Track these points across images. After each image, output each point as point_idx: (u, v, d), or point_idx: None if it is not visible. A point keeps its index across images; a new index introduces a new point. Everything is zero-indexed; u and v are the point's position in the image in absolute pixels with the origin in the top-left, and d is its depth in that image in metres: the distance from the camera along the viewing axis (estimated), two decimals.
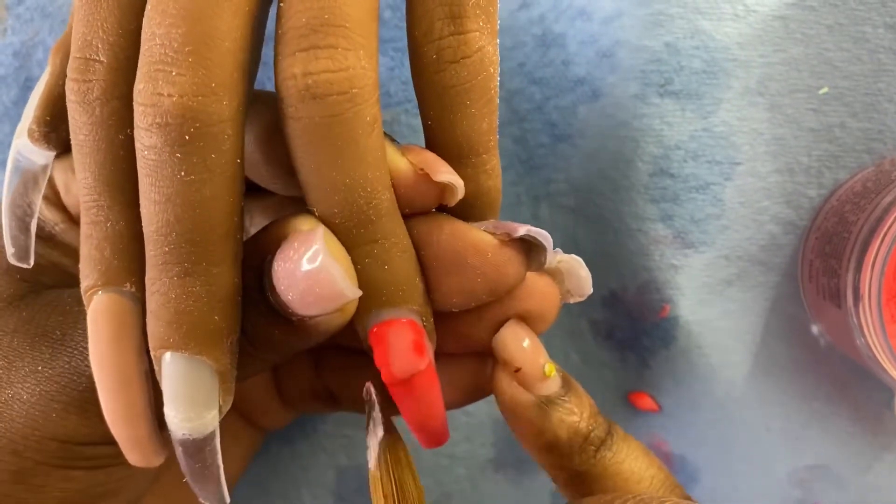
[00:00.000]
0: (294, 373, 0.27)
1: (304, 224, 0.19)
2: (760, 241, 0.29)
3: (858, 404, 0.30)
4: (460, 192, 0.21)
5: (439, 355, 0.23)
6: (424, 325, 0.21)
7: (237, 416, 0.28)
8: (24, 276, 0.23)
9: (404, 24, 0.29)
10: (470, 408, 0.31)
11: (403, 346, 0.20)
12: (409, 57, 0.20)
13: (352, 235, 0.19)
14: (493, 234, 0.21)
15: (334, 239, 0.19)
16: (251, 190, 0.26)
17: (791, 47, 0.28)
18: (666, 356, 0.30)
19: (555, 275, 0.22)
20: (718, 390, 0.30)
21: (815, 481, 0.31)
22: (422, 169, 0.20)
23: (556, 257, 0.22)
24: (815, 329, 0.30)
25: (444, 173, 0.20)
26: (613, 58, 0.28)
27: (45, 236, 0.24)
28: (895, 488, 0.31)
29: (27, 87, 0.31)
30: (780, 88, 0.28)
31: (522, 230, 0.21)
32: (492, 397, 0.31)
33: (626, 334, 0.31)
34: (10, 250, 0.22)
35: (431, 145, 0.21)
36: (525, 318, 0.22)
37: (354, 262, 0.20)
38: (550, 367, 0.22)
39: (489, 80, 0.20)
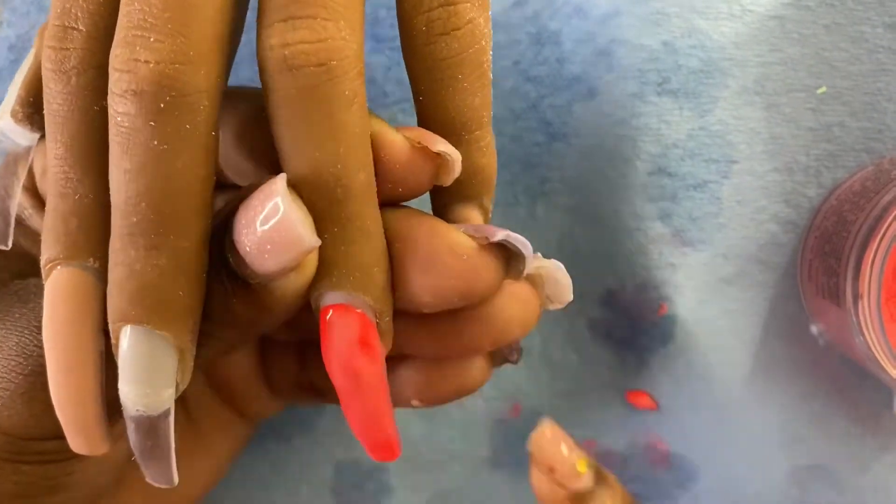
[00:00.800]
0: (280, 365, 0.27)
1: (267, 181, 0.19)
2: (759, 240, 0.29)
3: (857, 404, 0.30)
4: (457, 165, 0.20)
5: (416, 359, 0.23)
6: (378, 322, 0.20)
7: (225, 408, 0.28)
8: None
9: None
10: (467, 406, 0.31)
11: (346, 338, 0.19)
12: (399, 31, 0.20)
13: (316, 210, 0.19)
14: (472, 237, 0.20)
15: (297, 196, 0.19)
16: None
17: (787, 47, 0.28)
18: (664, 355, 0.30)
19: (534, 281, 0.22)
20: (717, 389, 0.30)
21: (813, 481, 0.31)
22: (419, 142, 0.20)
23: (536, 263, 0.21)
24: (814, 328, 0.30)
25: (441, 144, 0.20)
26: (610, 56, 0.28)
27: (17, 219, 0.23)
28: (894, 488, 0.31)
29: None
30: (778, 88, 0.28)
31: (500, 235, 0.20)
32: (489, 396, 0.31)
33: (624, 333, 0.31)
34: None
35: (423, 121, 0.21)
36: (505, 326, 0.22)
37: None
38: (582, 465, 0.22)
39: (481, 53, 0.20)
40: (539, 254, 0.21)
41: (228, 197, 0.20)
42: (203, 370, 0.27)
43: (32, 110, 0.21)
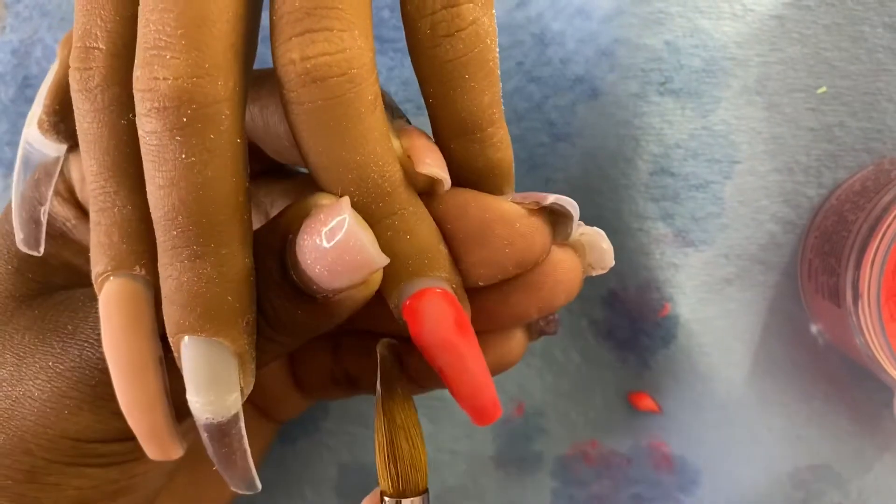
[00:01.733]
0: (312, 359, 0.27)
1: (324, 199, 0.19)
2: (760, 240, 0.29)
3: (858, 404, 0.30)
4: (445, 183, 0.20)
5: None
6: (456, 292, 0.21)
7: (253, 411, 0.28)
8: (35, 276, 0.23)
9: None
10: None
11: (437, 316, 0.20)
12: (405, 34, 0.20)
13: (371, 211, 0.19)
14: (520, 203, 0.21)
15: (356, 212, 0.19)
16: (272, 174, 0.26)
17: (788, 47, 0.28)
18: (666, 355, 0.30)
19: (577, 248, 0.22)
20: (718, 390, 0.30)
21: (815, 482, 0.31)
22: (408, 155, 0.20)
23: (579, 229, 0.22)
24: (814, 328, 0.30)
25: (428, 165, 0.20)
26: (613, 56, 0.28)
27: (55, 234, 0.24)
28: (895, 488, 0.31)
29: (25, 86, 0.31)
30: (778, 88, 0.28)
31: (550, 198, 0.21)
32: None
33: (626, 334, 0.31)
34: (19, 236, 0.22)
35: (434, 123, 0.21)
36: (551, 292, 0.22)
37: (378, 237, 0.19)
38: None
39: (487, 53, 0.20)
40: (581, 221, 0.22)
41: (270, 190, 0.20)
42: None
43: (58, 119, 0.22)
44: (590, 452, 0.32)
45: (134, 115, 0.18)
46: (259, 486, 0.20)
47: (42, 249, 0.22)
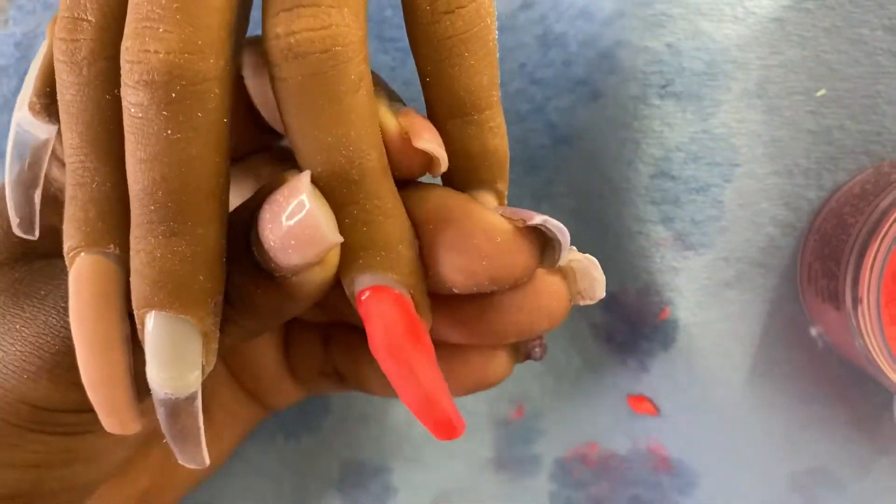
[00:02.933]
0: (304, 351, 0.27)
1: (290, 176, 0.19)
2: (759, 243, 0.29)
3: (857, 407, 0.30)
4: (443, 162, 0.20)
5: (441, 345, 0.22)
6: (414, 300, 0.20)
7: (241, 394, 0.28)
8: (20, 239, 0.23)
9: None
10: (470, 407, 0.31)
11: (385, 319, 0.19)
12: (403, 12, 0.20)
13: (334, 195, 0.19)
14: (508, 219, 0.20)
15: (320, 193, 0.19)
16: (274, 152, 0.26)
17: (787, 50, 0.28)
18: (665, 359, 0.30)
19: (567, 274, 0.22)
20: (717, 393, 0.30)
21: (814, 485, 0.31)
22: (406, 133, 0.20)
23: (570, 256, 0.21)
24: (813, 331, 0.30)
25: (427, 140, 0.20)
26: (614, 58, 0.28)
27: (48, 198, 0.24)
28: (894, 491, 0.31)
29: None
30: (778, 91, 0.28)
31: (538, 219, 0.20)
32: (493, 397, 0.31)
33: (626, 337, 0.31)
34: (14, 220, 0.22)
35: (430, 103, 0.21)
36: (532, 317, 0.22)
37: (337, 224, 0.19)
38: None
39: (487, 32, 0.20)
40: (574, 247, 0.21)
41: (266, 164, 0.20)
42: (223, 358, 0.28)
43: (49, 101, 0.22)
44: (589, 455, 0.32)
45: (118, 91, 0.18)
46: (207, 461, 0.20)
47: (37, 233, 0.22)
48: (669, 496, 0.31)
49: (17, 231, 0.22)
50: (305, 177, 0.19)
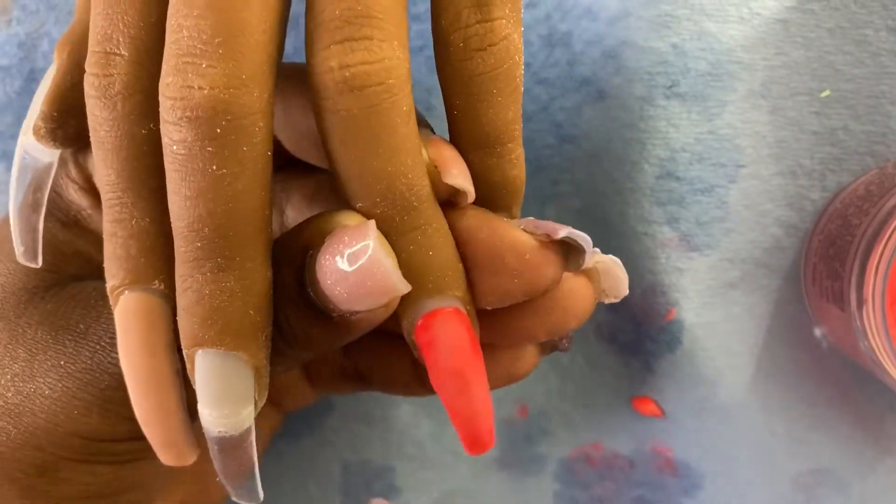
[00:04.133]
0: (323, 354, 0.27)
1: (349, 219, 0.19)
2: (764, 244, 0.29)
3: (861, 407, 0.30)
4: (470, 196, 0.20)
5: None
6: (469, 314, 0.20)
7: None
8: (48, 266, 0.23)
9: (410, 25, 0.29)
10: None
11: (453, 340, 0.20)
12: (434, 46, 0.20)
13: (395, 224, 0.19)
14: (532, 233, 0.20)
15: (381, 235, 0.19)
16: (289, 167, 0.26)
17: (792, 50, 0.28)
18: (670, 360, 0.30)
19: (591, 274, 0.22)
20: (722, 395, 0.30)
21: (818, 486, 0.31)
22: (435, 166, 0.20)
23: (595, 258, 0.22)
24: (818, 332, 0.30)
25: (455, 176, 0.20)
26: (619, 58, 0.28)
27: (70, 222, 0.24)
28: None
29: (31, 79, 0.31)
30: (782, 91, 0.28)
31: (563, 232, 0.20)
32: (497, 396, 0.31)
33: (630, 338, 0.31)
34: (18, 249, 0.22)
35: (456, 135, 0.21)
36: (561, 318, 0.22)
37: (400, 251, 0.19)
38: None
39: (515, 68, 0.20)
40: (597, 249, 0.22)
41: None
42: None
43: (55, 126, 0.22)
44: (593, 455, 0.32)
45: (155, 125, 0.18)
46: (261, 497, 0.20)
47: (40, 261, 0.22)
48: (674, 497, 0.31)
49: (21, 260, 0.22)
50: (372, 224, 0.19)
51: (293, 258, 0.19)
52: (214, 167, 0.18)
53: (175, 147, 0.18)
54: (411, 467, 0.32)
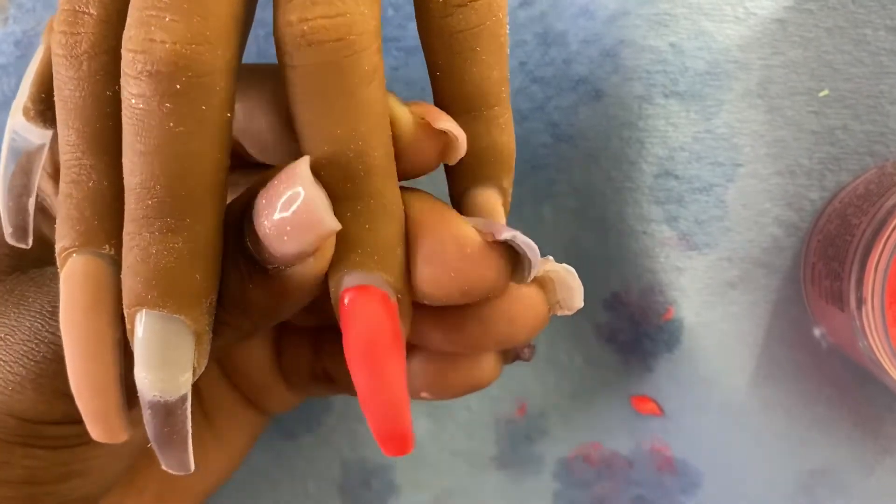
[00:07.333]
0: (295, 354, 0.27)
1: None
2: (762, 244, 0.29)
3: (861, 407, 0.30)
4: (462, 144, 0.20)
5: (427, 350, 0.22)
6: (399, 304, 0.19)
7: (240, 401, 0.28)
8: (11, 250, 0.23)
9: (407, 23, 0.29)
10: (473, 405, 0.31)
11: (370, 320, 0.19)
12: (415, 4, 0.20)
13: (337, 189, 0.18)
14: (480, 231, 0.20)
15: (317, 180, 0.18)
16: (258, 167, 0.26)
17: (789, 50, 0.28)
18: (669, 359, 0.30)
19: (544, 284, 0.21)
20: (721, 394, 0.30)
21: (818, 486, 0.31)
22: (423, 118, 0.19)
23: (546, 266, 0.21)
24: (817, 332, 0.30)
25: (445, 121, 0.19)
26: (616, 57, 0.28)
27: (36, 208, 0.23)
28: None
29: None
30: (780, 91, 0.28)
31: (506, 234, 0.19)
32: (495, 395, 0.31)
33: (629, 337, 0.31)
34: (7, 229, 0.22)
35: (440, 97, 0.20)
36: (509, 328, 0.21)
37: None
38: None
39: (499, 26, 0.20)
40: (550, 257, 0.21)
41: (250, 179, 0.20)
42: (218, 362, 0.27)
43: (44, 107, 0.21)
44: (592, 454, 0.32)
45: (119, 87, 0.18)
46: (192, 467, 0.19)
47: (31, 242, 0.22)
48: (673, 496, 0.31)
49: (10, 240, 0.22)
50: (304, 162, 0.18)
51: (235, 213, 0.19)
52: (171, 124, 0.17)
53: (133, 101, 0.17)
54: (410, 466, 0.32)
